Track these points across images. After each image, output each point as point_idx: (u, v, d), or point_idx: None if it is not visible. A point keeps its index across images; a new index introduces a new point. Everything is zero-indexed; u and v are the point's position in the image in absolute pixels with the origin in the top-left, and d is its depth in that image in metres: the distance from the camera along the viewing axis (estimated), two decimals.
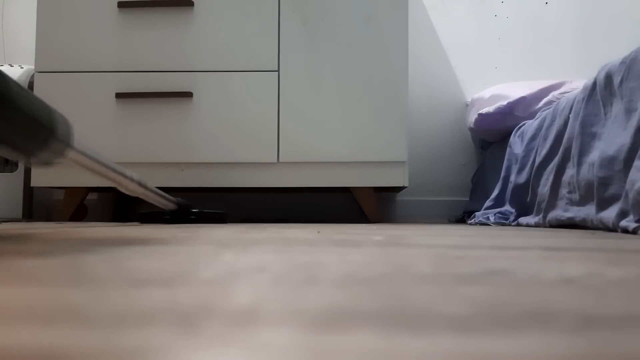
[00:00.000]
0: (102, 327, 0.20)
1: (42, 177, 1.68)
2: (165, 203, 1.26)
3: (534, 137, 1.54)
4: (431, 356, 0.16)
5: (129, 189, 1.10)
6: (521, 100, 1.78)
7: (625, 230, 0.98)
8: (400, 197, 2.12)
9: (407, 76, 1.69)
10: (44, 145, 0.73)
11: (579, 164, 1.22)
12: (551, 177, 1.36)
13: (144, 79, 1.68)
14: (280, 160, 1.67)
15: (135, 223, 1.48)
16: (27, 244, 0.65)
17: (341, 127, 1.67)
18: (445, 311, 0.23)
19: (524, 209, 1.56)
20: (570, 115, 1.30)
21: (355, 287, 0.30)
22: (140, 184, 1.11)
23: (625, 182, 1.03)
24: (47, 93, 1.68)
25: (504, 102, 1.80)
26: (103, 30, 1.69)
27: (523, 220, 1.51)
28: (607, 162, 1.09)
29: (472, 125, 1.94)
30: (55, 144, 0.74)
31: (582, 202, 1.21)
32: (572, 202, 1.26)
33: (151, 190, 1.17)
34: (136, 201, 2.09)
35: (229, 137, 1.67)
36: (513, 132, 1.72)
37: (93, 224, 1.44)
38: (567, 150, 1.29)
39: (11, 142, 0.68)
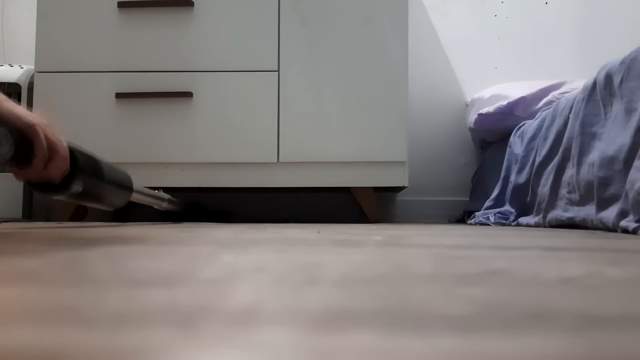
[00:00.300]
0: (102, 327, 0.20)
1: None
2: (179, 209, 1.52)
3: (534, 137, 1.54)
4: (431, 356, 0.16)
5: (162, 207, 1.41)
6: (521, 100, 1.77)
7: (625, 230, 0.98)
8: (400, 197, 2.12)
9: (407, 76, 1.69)
10: (127, 199, 1.15)
11: (579, 164, 1.22)
12: (551, 177, 1.36)
13: (144, 79, 1.68)
14: (280, 160, 1.67)
15: (153, 223, 1.53)
16: (27, 244, 0.65)
17: (341, 127, 1.67)
18: (445, 311, 0.23)
19: (524, 209, 1.56)
20: (570, 115, 1.30)
21: (355, 287, 0.30)
22: (169, 202, 1.43)
23: (625, 182, 1.03)
24: (47, 93, 1.68)
25: (504, 102, 1.80)
26: (103, 30, 1.69)
27: (523, 220, 1.51)
28: (607, 162, 1.09)
29: (472, 125, 1.94)
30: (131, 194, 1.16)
31: (582, 202, 1.21)
32: (572, 202, 1.26)
33: (174, 203, 1.47)
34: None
35: (229, 137, 1.67)
36: (513, 132, 1.72)
37: (93, 224, 1.44)
38: (567, 150, 1.29)
39: (110, 203, 1.08)
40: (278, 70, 1.68)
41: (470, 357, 0.16)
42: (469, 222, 1.72)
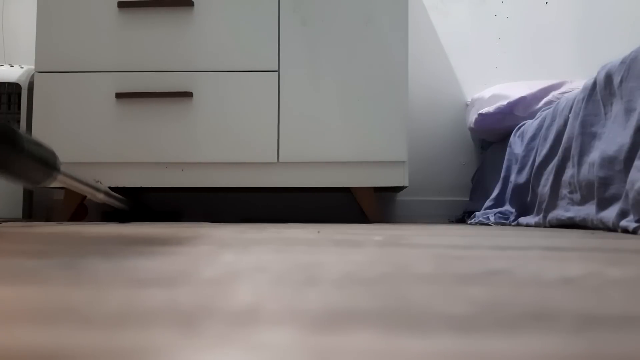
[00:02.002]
0: (103, 327, 0.20)
1: None
2: (121, 205, 1.51)
3: (534, 137, 1.54)
4: (431, 356, 0.16)
5: (98, 198, 1.41)
6: (521, 100, 1.77)
7: (625, 230, 0.98)
8: (400, 197, 2.12)
9: (407, 76, 1.69)
10: (51, 177, 1.11)
11: (579, 164, 1.22)
12: (551, 177, 1.36)
13: (144, 79, 1.68)
14: (280, 160, 1.67)
15: (100, 223, 1.52)
16: (27, 244, 0.65)
17: (341, 127, 1.67)
18: (445, 311, 0.23)
19: (524, 209, 1.56)
20: (570, 115, 1.30)
21: (355, 287, 0.30)
22: (106, 194, 1.42)
23: (625, 182, 1.03)
24: (47, 93, 1.68)
25: (504, 102, 1.80)
26: (103, 30, 1.69)
27: (523, 220, 1.51)
28: (607, 162, 1.09)
29: (472, 125, 1.94)
30: (55, 174, 1.13)
31: (583, 202, 1.21)
32: (572, 202, 1.26)
33: (114, 197, 1.46)
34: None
35: (229, 137, 1.67)
36: (513, 132, 1.72)
37: (93, 224, 1.44)
38: (567, 150, 1.29)
39: (29, 178, 1.07)
40: (278, 70, 1.68)
41: (470, 357, 0.16)
42: (469, 222, 1.72)
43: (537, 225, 1.41)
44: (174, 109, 1.67)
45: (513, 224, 1.55)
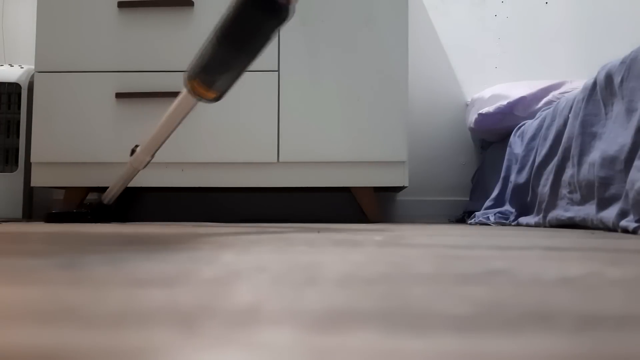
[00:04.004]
0: (102, 327, 0.20)
1: (42, 177, 1.68)
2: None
3: (534, 137, 1.54)
4: (431, 356, 0.16)
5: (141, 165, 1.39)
6: (521, 100, 1.77)
7: (625, 230, 0.98)
8: (400, 197, 2.12)
9: (407, 76, 1.68)
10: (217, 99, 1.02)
11: (579, 164, 1.22)
12: (551, 177, 1.36)
13: (144, 79, 1.68)
14: (280, 160, 1.66)
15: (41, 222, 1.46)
16: (27, 244, 0.65)
17: (341, 127, 1.67)
18: (446, 311, 0.23)
19: (524, 209, 1.56)
20: (570, 115, 1.30)
21: (355, 287, 0.30)
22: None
23: (625, 182, 1.03)
24: (47, 93, 1.68)
25: (504, 102, 1.79)
26: (103, 30, 1.68)
27: (523, 220, 1.51)
28: (608, 162, 1.09)
29: (472, 125, 1.93)
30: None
31: (583, 202, 1.21)
32: (572, 202, 1.26)
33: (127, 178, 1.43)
34: (127, 201, 2.09)
35: (229, 137, 1.66)
36: (513, 132, 1.72)
37: (93, 224, 1.44)
38: (567, 150, 1.29)
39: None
40: (278, 70, 1.68)
41: (471, 357, 0.16)
42: (469, 222, 1.72)
43: (537, 225, 1.41)
44: None
45: (513, 224, 1.55)
